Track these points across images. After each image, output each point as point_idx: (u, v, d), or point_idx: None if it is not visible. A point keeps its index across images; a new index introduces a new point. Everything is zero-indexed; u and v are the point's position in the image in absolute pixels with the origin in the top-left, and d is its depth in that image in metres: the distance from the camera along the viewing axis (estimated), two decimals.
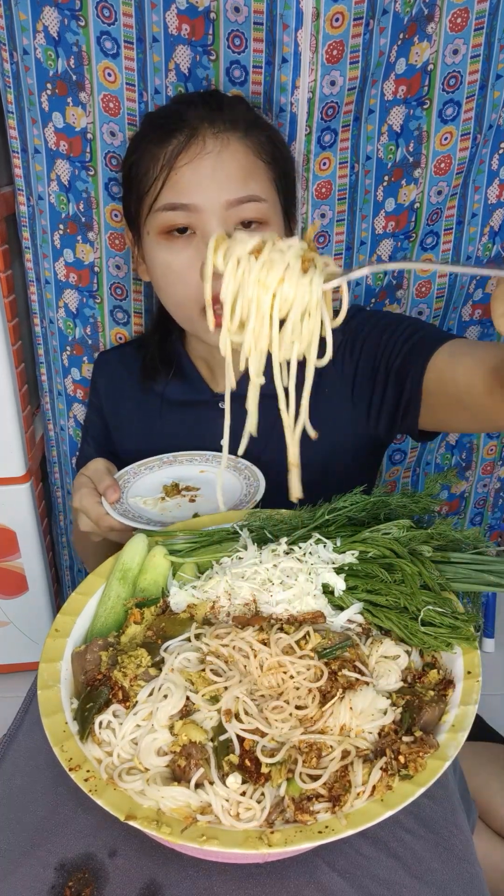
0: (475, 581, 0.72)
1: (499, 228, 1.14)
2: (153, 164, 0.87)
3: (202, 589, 0.71)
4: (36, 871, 0.60)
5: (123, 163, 0.94)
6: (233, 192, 0.85)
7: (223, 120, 0.86)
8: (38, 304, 1.22)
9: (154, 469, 0.98)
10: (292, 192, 0.96)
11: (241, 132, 0.86)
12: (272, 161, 0.89)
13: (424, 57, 0.98)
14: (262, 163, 0.88)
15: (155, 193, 0.87)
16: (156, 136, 0.87)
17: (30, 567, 1.36)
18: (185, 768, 0.55)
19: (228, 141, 0.85)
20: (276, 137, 0.91)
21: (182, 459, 0.99)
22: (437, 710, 0.60)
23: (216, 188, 0.85)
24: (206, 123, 0.85)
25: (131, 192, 0.92)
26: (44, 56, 0.99)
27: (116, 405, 1.10)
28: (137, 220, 0.92)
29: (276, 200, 0.91)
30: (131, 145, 0.93)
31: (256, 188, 0.87)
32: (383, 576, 0.69)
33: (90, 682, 0.64)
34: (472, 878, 0.59)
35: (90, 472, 0.93)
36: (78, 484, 0.91)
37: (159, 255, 0.90)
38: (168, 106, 0.94)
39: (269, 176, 0.89)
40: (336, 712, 0.59)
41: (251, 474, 0.94)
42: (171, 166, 0.85)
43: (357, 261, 1.13)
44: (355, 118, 1.01)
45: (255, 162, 0.87)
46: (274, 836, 0.51)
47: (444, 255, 1.15)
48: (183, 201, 0.85)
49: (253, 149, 0.87)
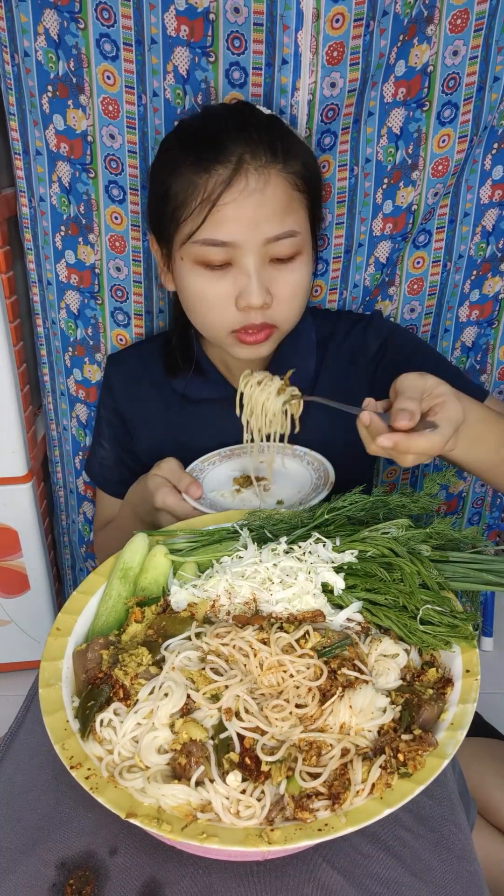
0: (474, 580, 0.72)
1: (492, 228, 1.15)
2: (193, 193, 0.86)
3: (202, 588, 0.71)
4: (37, 868, 0.60)
5: (153, 176, 0.93)
6: (272, 229, 0.86)
7: (264, 150, 0.85)
8: (40, 304, 1.23)
9: (216, 464, 1.01)
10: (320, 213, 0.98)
11: (281, 162, 0.86)
12: (306, 189, 0.91)
13: (424, 59, 0.99)
14: (299, 193, 0.89)
15: (194, 226, 0.87)
16: (195, 163, 0.86)
17: (31, 566, 1.36)
18: (185, 766, 0.56)
19: (270, 176, 0.86)
20: (309, 162, 0.92)
21: (239, 452, 1.02)
22: (435, 708, 0.60)
23: (257, 226, 0.86)
24: (248, 156, 0.85)
25: (165, 212, 0.90)
26: (45, 58, 0.99)
27: (134, 404, 1.11)
28: (169, 240, 0.92)
29: (308, 226, 0.93)
30: (163, 162, 0.91)
31: (293, 222, 0.88)
32: (382, 575, 0.69)
33: (91, 681, 0.64)
34: (471, 876, 0.59)
35: (164, 472, 0.95)
36: (155, 484, 0.94)
37: (193, 282, 0.91)
38: (201, 123, 0.91)
39: (304, 205, 0.91)
40: (336, 711, 0.59)
41: (313, 459, 0.98)
42: (213, 203, 0.85)
43: (355, 263, 1.13)
44: (355, 120, 1.01)
45: (293, 195, 0.89)
46: (274, 833, 0.52)
47: (435, 253, 1.15)
48: (224, 238, 0.86)
49: (291, 181, 0.88)
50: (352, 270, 1.14)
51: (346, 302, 1.16)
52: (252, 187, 0.85)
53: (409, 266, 1.16)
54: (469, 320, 1.24)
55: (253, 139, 0.86)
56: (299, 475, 0.96)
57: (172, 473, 0.95)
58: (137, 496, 1.01)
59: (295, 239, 0.89)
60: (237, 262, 0.88)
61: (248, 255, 0.87)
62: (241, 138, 0.85)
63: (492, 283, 1.20)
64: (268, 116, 0.91)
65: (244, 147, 0.85)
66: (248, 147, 0.85)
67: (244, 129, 0.86)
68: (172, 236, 0.91)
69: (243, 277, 0.88)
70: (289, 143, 0.89)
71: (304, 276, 0.93)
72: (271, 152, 0.86)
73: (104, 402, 1.14)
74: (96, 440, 1.17)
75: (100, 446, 1.16)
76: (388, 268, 1.15)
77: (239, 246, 0.86)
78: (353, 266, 1.13)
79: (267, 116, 0.91)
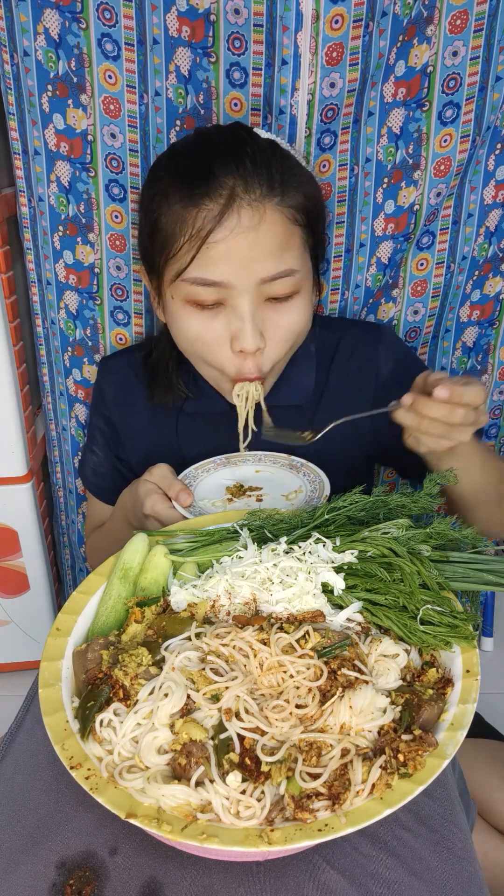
0: (474, 580, 0.72)
1: (494, 229, 1.15)
2: (181, 228, 0.81)
3: (202, 588, 0.71)
4: (37, 868, 0.60)
5: (144, 204, 0.89)
6: (267, 269, 0.82)
7: (259, 182, 0.80)
8: (39, 304, 1.23)
9: (210, 471, 0.98)
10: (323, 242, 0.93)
11: (278, 195, 0.81)
12: (306, 223, 0.85)
13: (424, 59, 0.99)
14: (298, 227, 0.84)
15: (184, 264, 0.82)
16: (184, 194, 0.81)
17: (31, 566, 1.36)
18: (185, 766, 0.56)
19: (265, 211, 0.80)
20: (311, 191, 0.87)
21: (235, 460, 1.00)
22: (436, 708, 0.60)
23: (251, 266, 0.81)
24: (241, 189, 0.79)
25: (154, 246, 0.86)
26: (44, 58, 0.99)
27: (126, 414, 1.08)
28: (159, 275, 0.88)
29: (308, 260, 0.88)
30: (154, 191, 0.86)
31: (290, 260, 0.83)
32: (382, 575, 0.69)
33: (91, 681, 0.64)
34: (471, 876, 0.59)
35: (156, 478, 0.92)
36: (146, 491, 0.91)
37: (185, 322, 0.87)
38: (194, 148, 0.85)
39: (304, 239, 0.86)
40: (336, 711, 0.59)
41: (310, 471, 0.96)
42: (203, 240, 0.80)
43: (357, 263, 1.13)
44: (355, 120, 1.01)
45: (291, 230, 0.83)
46: (274, 834, 0.52)
47: (439, 254, 1.15)
48: (215, 278, 0.81)
49: (289, 215, 0.82)
50: (353, 271, 1.14)
51: (349, 303, 1.16)
52: (245, 224, 0.79)
53: (412, 268, 1.16)
54: (470, 320, 1.24)
55: (247, 169, 0.80)
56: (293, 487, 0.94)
57: (163, 480, 0.91)
58: (129, 501, 0.97)
59: (292, 278, 0.84)
60: (230, 303, 0.84)
61: (242, 297, 0.83)
62: (234, 169, 0.80)
63: (493, 283, 1.20)
64: (266, 142, 0.85)
65: (237, 178, 0.79)
66: (242, 179, 0.80)
67: (238, 158, 0.80)
68: (162, 271, 0.87)
69: (237, 320, 0.84)
70: (288, 172, 0.83)
71: (300, 317, 0.88)
72: (267, 184, 0.80)
73: (96, 409, 1.11)
74: (88, 446, 1.14)
75: (93, 453, 1.13)
76: (390, 269, 1.15)
77: (231, 286, 0.82)
78: (354, 266, 1.13)
79: (265, 142, 0.85)
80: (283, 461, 0.99)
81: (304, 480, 0.94)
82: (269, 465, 0.99)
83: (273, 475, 0.97)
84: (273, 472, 0.98)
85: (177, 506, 0.89)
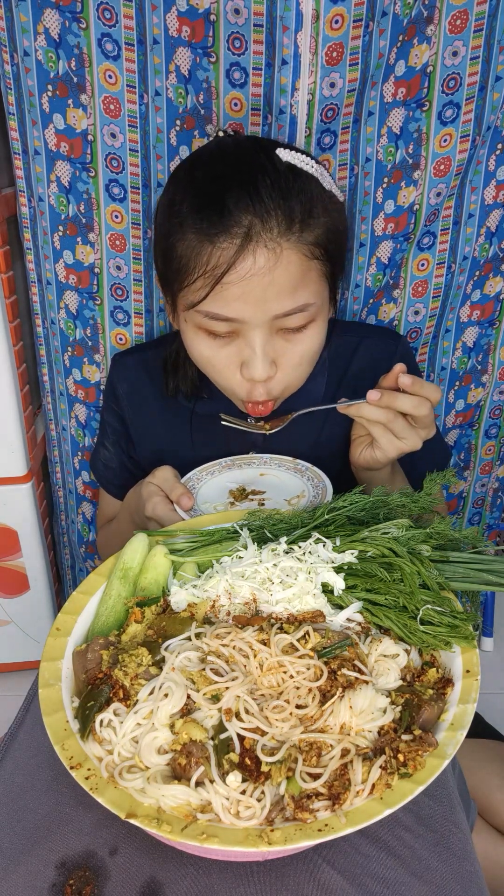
0: (474, 580, 0.72)
1: (495, 229, 1.15)
2: (196, 261, 0.80)
3: (202, 588, 0.71)
4: (37, 868, 0.60)
5: (157, 219, 0.87)
6: (282, 307, 0.81)
7: (277, 221, 0.77)
8: (39, 304, 1.23)
9: (215, 474, 0.98)
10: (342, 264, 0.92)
11: (297, 232, 0.79)
12: (326, 256, 0.84)
13: (424, 59, 0.99)
14: (317, 261, 0.83)
15: (197, 298, 0.81)
16: (198, 228, 0.79)
17: (31, 566, 1.36)
18: (185, 766, 0.56)
19: (282, 250, 0.78)
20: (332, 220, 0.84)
21: (240, 463, 1.00)
22: (436, 708, 0.60)
23: (265, 304, 0.80)
24: (258, 227, 0.77)
25: (168, 270, 0.85)
26: (44, 58, 0.99)
27: (140, 412, 1.08)
28: (173, 297, 0.87)
29: (325, 288, 0.87)
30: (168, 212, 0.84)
31: (307, 294, 0.82)
32: (382, 575, 0.69)
33: (91, 681, 0.64)
34: (471, 876, 0.59)
35: (158, 481, 0.92)
36: (148, 493, 0.91)
37: (198, 347, 0.88)
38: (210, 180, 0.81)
39: (322, 272, 0.85)
40: (336, 711, 0.59)
41: (314, 475, 0.95)
42: (217, 279, 0.78)
43: (357, 263, 1.13)
44: (355, 120, 1.01)
45: (309, 265, 0.81)
46: (274, 834, 0.52)
47: (440, 255, 1.15)
48: (229, 315, 0.81)
49: (308, 251, 0.81)
50: (353, 270, 1.14)
51: (349, 303, 1.17)
52: (260, 265, 0.78)
53: (413, 268, 1.16)
54: (470, 320, 1.24)
55: (264, 205, 0.77)
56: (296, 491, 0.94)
57: (166, 482, 0.92)
58: (133, 502, 0.98)
59: (307, 312, 0.83)
60: (243, 335, 0.84)
61: (254, 330, 0.82)
62: (250, 205, 0.77)
63: (493, 283, 1.20)
64: (286, 167, 0.81)
65: (254, 217, 0.77)
66: (258, 217, 0.77)
67: (256, 192, 0.78)
68: (176, 296, 0.86)
69: (248, 350, 0.84)
70: (307, 203, 0.80)
71: (312, 344, 0.88)
72: (286, 221, 0.78)
73: (108, 406, 1.11)
74: (100, 440, 1.15)
75: (104, 447, 1.14)
76: (391, 269, 1.15)
77: (245, 322, 0.82)
78: (354, 266, 1.13)
79: (285, 167, 0.81)
80: (289, 464, 0.98)
81: (308, 485, 0.94)
82: (275, 469, 0.99)
83: (277, 479, 0.97)
84: (278, 476, 0.97)
85: (178, 509, 0.89)
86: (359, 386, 1.03)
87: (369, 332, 1.09)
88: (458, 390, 1.30)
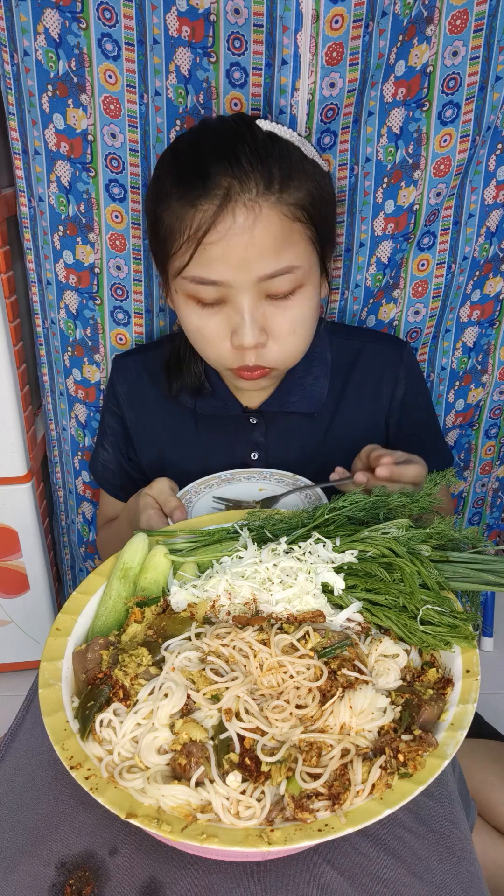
0: (474, 580, 0.72)
1: (495, 229, 1.15)
2: (179, 226, 0.82)
3: (202, 588, 0.71)
4: (37, 869, 0.60)
5: (148, 202, 0.91)
6: (266, 267, 0.81)
7: (255, 181, 0.79)
8: (39, 304, 1.23)
9: (213, 487, 0.97)
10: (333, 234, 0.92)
11: (276, 194, 0.80)
12: (309, 219, 0.84)
13: (424, 59, 0.99)
14: (299, 223, 0.83)
15: (183, 263, 0.83)
16: (181, 194, 0.82)
17: (31, 566, 1.36)
18: (185, 766, 0.56)
19: (261, 210, 0.80)
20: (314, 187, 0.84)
21: (240, 477, 0.99)
22: (436, 708, 0.60)
23: (247, 266, 0.81)
24: (236, 188, 0.79)
25: (157, 243, 0.88)
26: (44, 58, 0.99)
27: (141, 414, 1.08)
28: (165, 270, 0.90)
29: (313, 254, 0.87)
30: (156, 188, 0.88)
31: (291, 257, 0.83)
32: (382, 575, 0.69)
33: (91, 681, 0.64)
34: (471, 876, 0.59)
35: (154, 493, 0.91)
36: (143, 504, 0.91)
37: (188, 317, 0.89)
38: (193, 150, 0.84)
39: (306, 235, 0.85)
40: (336, 711, 0.59)
41: (313, 493, 0.94)
42: (198, 241, 0.80)
43: (356, 263, 1.13)
44: (355, 120, 1.01)
45: (291, 226, 0.82)
46: (274, 834, 0.52)
47: (440, 255, 1.15)
48: (213, 278, 0.82)
49: (289, 212, 0.82)
50: (353, 270, 1.14)
51: (349, 303, 1.16)
52: (240, 224, 0.79)
53: (413, 268, 1.16)
54: (470, 320, 1.24)
55: (242, 169, 0.79)
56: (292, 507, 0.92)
57: (161, 495, 0.91)
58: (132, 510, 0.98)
59: (293, 275, 0.83)
60: (230, 300, 0.84)
61: (240, 294, 0.83)
62: (229, 168, 0.79)
63: (493, 283, 1.20)
64: (266, 135, 0.83)
65: (232, 179, 0.79)
66: (237, 179, 0.79)
67: (234, 157, 0.80)
68: (166, 267, 0.89)
69: (236, 315, 0.85)
70: (287, 167, 0.82)
71: (304, 311, 0.87)
72: (264, 182, 0.80)
73: (108, 408, 1.11)
74: (100, 441, 1.15)
75: (103, 448, 1.14)
76: (390, 269, 1.15)
77: (230, 285, 0.82)
78: (354, 266, 1.13)
79: (265, 135, 0.83)
80: (288, 480, 0.97)
81: (306, 502, 0.93)
82: (274, 484, 0.97)
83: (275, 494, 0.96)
84: (275, 491, 0.96)
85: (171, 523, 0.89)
86: (362, 395, 1.04)
87: (372, 338, 1.09)
88: (458, 390, 1.30)
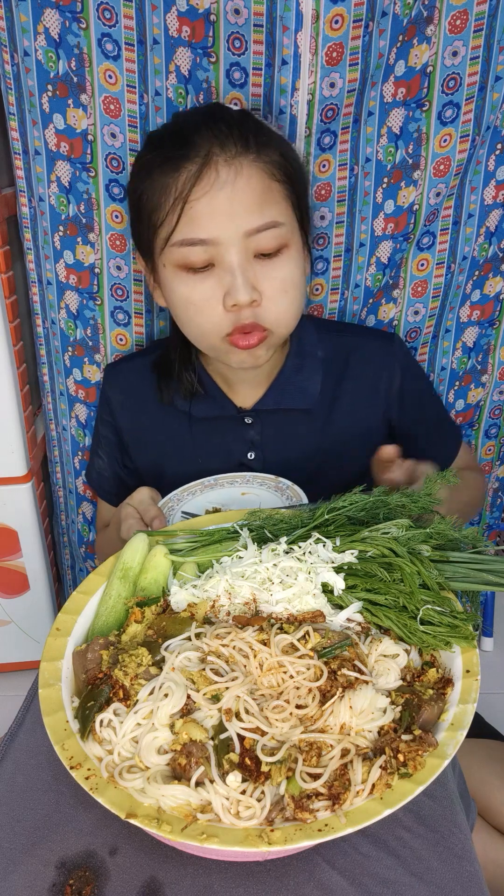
0: (474, 580, 0.72)
1: (495, 229, 1.15)
2: (164, 196, 0.85)
3: (202, 588, 0.71)
4: (37, 868, 0.60)
5: (130, 189, 0.93)
6: (251, 221, 0.83)
7: (233, 142, 0.83)
8: (39, 304, 1.23)
9: (196, 494, 0.97)
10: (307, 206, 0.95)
11: (254, 153, 0.84)
12: (287, 179, 0.88)
13: (424, 59, 0.99)
14: (277, 183, 0.86)
15: (170, 228, 0.85)
16: (164, 165, 0.85)
17: (31, 566, 1.36)
18: (185, 766, 0.56)
19: (241, 166, 0.83)
20: (288, 153, 0.89)
21: (223, 482, 0.99)
22: (436, 708, 0.60)
23: (234, 219, 0.83)
24: (216, 148, 0.83)
25: (142, 223, 0.89)
26: (44, 58, 0.99)
27: (135, 421, 1.08)
28: (151, 251, 0.91)
29: (294, 218, 0.89)
30: (136, 171, 0.91)
31: (274, 212, 0.85)
32: (382, 575, 0.69)
33: (91, 681, 0.64)
34: (471, 876, 0.59)
35: (135, 503, 0.91)
36: (124, 514, 0.90)
37: (178, 289, 0.89)
38: (171, 127, 0.90)
39: (285, 195, 0.88)
40: (336, 711, 0.59)
41: (293, 494, 0.94)
42: (185, 200, 0.83)
43: (356, 262, 1.13)
44: (355, 120, 1.01)
45: (270, 184, 0.85)
46: (274, 834, 0.52)
47: (440, 255, 1.15)
48: (201, 236, 0.84)
49: (267, 170, 0.85)
50: (353, 270, 1.14)
51: (349, 302, 1.17)
52: (223, 179, 0.82)
53: (413, 268, 1.16)
54: (470, 320, 1.24)
55: (222, 132, 0.84)
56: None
57: (142, 504, 0.91)
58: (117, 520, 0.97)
59: (278, 230, 0.85)
60: (219, 261, 0.85)
61: (229, 251, 0.84)
62: (208, 132, 0.84)
63: (493, 283, 1.20)
64: (239, 111, 0.89)
65: (212, 140, 0.83)
66: (217, 140, 0.83)
67: (213, 123, 0.84)
68: (153, 243, 0.89)
69: (227, 275, 0.85)
70: (262, 134, 0.87)
71: (292, 270, 0.89)
72: (242, 143, 0.84)
73: (102, 417, 1.12)
74: (94, 450, 1.15)
75: (98, 457, 1.14)
76: (390, 269, 1.15)
77: (218, 242, 0.84)
78: (354, 266, 1.13)
79: (238, 112, 0.89)
80: (270, 483, 0.97)
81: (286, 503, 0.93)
82: (257, 488, 0.97)
83: (258, 497, 0.96)
84: (258, 495, 0.96)
85: None
86: (358, 391, 1.04)
87: (363, 333, 1.10)
88: (458, 390, 1.30)
